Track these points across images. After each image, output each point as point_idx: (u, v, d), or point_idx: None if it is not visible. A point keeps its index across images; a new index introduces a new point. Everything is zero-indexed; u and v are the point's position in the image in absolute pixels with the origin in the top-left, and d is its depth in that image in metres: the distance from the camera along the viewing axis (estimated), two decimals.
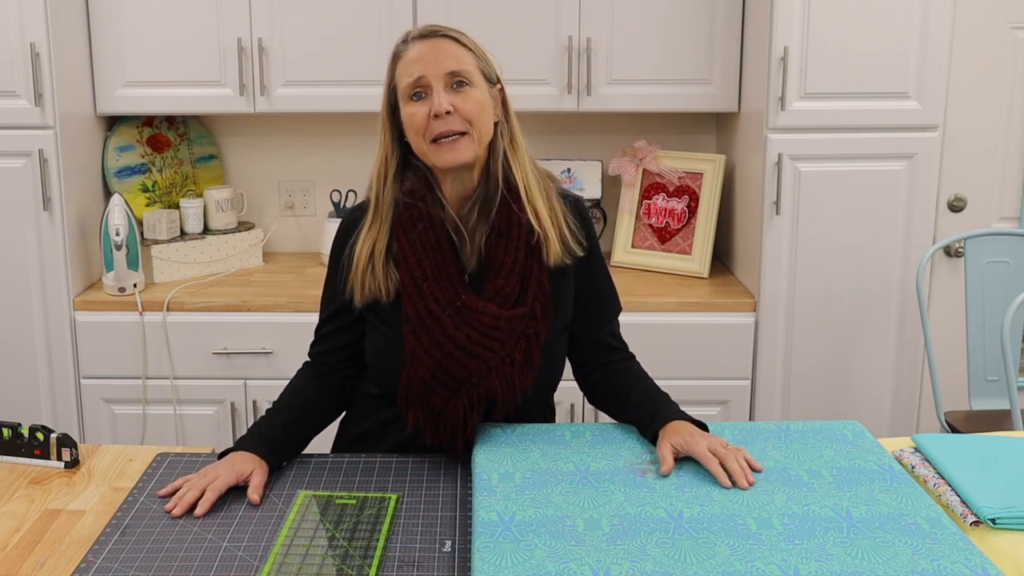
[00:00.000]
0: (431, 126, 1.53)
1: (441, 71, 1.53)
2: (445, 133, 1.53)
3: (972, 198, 3.02)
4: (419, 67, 1.53)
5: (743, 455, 1.48)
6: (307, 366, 1.72)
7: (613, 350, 1.74)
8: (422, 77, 1.53)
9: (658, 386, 1.70)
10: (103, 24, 2.78)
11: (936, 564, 1.22)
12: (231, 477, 1.48)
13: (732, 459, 1.46)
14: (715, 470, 1.44)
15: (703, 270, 2.90)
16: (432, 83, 1.53)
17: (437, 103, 1.51)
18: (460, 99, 1.53)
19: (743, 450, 1.50)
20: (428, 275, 1.57)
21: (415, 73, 1.53)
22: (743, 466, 1.45)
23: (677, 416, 1.58)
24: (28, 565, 1.31)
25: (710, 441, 1.49)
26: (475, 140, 1.55)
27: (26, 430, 1.60)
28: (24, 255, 2.66)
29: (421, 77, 1.53)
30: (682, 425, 1.55)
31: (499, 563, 1.22)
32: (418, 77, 1.53)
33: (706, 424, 1.58)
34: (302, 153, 3.16)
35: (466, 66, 1.55)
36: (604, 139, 3.14)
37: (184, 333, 2.68)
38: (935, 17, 2.55)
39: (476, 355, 1.56)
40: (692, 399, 2.72)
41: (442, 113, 1.51)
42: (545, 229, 1.60)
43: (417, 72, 1.53)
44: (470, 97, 1.54)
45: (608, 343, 1.73)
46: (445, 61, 1.53)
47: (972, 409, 2.64)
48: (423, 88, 1.54)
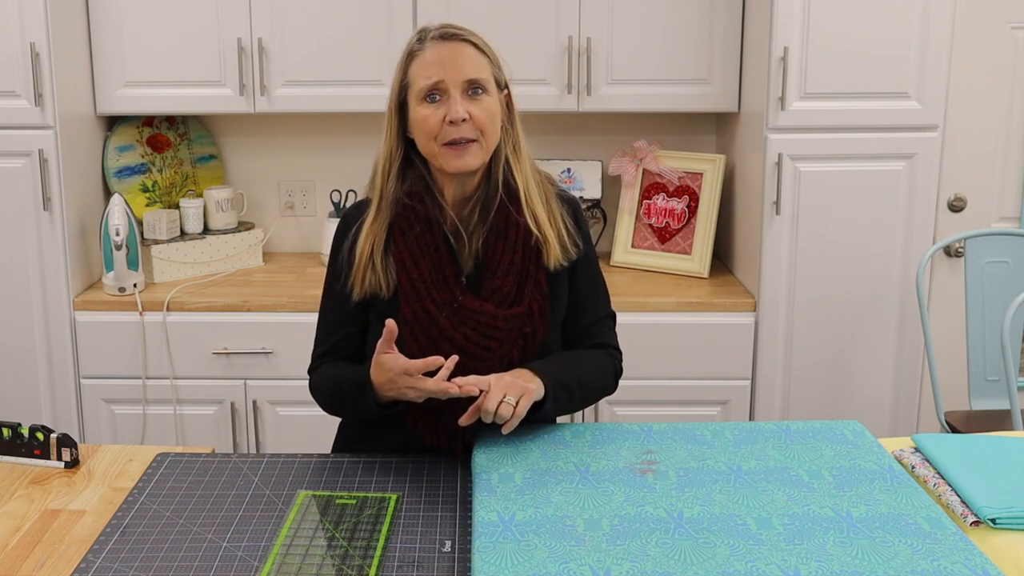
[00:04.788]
0: (445, 131, 1.53)
1: (460, 78, 1.53)
2: (458, 140, 1.53)
3: (972, 198, 3.02)
4: (438, 71, 1.53)
5: (511, 396, 1.47)
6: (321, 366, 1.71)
7: (600, 347, 1.73)
8: (440, 81, 1.53)
9: (586, 364, 1.66)
10: (103, 24, 2.77)
11: (936, 564, 1.22)
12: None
13: (492, 399, 1.46)
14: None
15: (703, 270, 2.90)
16: (450, 88, 1.53)
17: (454, 111, 1.51)
18: (475, 107, 1.53)
19: (515, 389, 1.49)
20: (425, 277, 1.57)
21: (433, 76, 1.53)
22: (491, 407, 1.46)
23: (531, 366, 1.57)
24: (28, 565, 1.31)
25: (504, 381, 1.49)
26: (484, 148, 1.56)
27: (26, 430, 1.60)
28: (24, 255, 2.66)
29: (440, 81, 1.53)
30: (518, 369, 1.55)
31: (499, 563, 1.22)
32: (437, 81, 1.53)
33: (547, 377, 1.56)
34: (302, 153, 3.16)
35: (484, 74, 1.55)
36: (604, 139, 3.13)
37: (184, 333, 2.68)
38: (935, 17, 2.55)
39: (474, 355, 1.56)
40: (692, 399, 2.73)
41: (459, 121, 1.52)
42: (545, 234, 1.60)
43: (436, 76, 1.53)
44: (485, 106, 1.54)
45: (597, 341, 1.72)
46: (465, 67, 1.53)
47: (972, 409, 2.64)
48: (439, 92, 1.54)
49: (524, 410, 1.50)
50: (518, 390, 1.49)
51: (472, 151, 1.54)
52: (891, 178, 2.63)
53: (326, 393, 1.66)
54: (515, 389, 1.49)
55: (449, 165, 1.55)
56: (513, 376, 1.52)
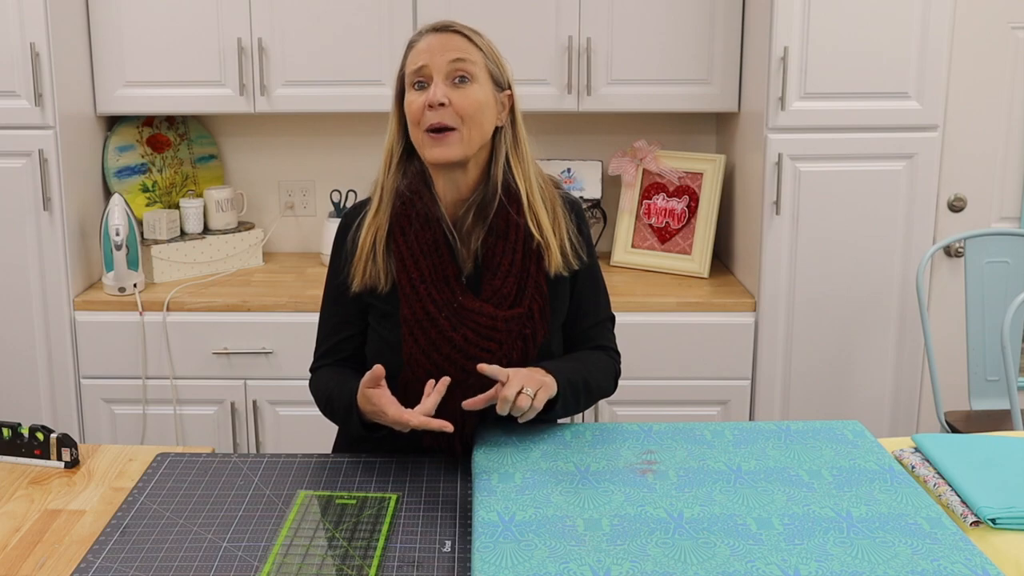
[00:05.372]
0: (425, 116, 1.53)
1: (443, 61, 1.53)
2: (436, 126, 1.53)
3: (972, 198, 3.02)
4: (425, 57, 1.54)
5: (529, 388, 1.47)
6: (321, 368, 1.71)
7: (600, 348, 1.73)
8: (425, 67, 1.54)
9: (592, 366, 1.66)
10: (103, 24, 2.78)
11: (936, 564, 1.22)
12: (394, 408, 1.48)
13: (511, 387, 1.45)
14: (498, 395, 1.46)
15: (703, 270, 2.90)
16: (433, 74, 1.53)
17: (432, 93, 1.52)
18: (457, 94, 1.53)
19: (533, 382, 1.48)
20: (425, 277, 1.57)
21: (419, 62, 1.54)
22: (509, 396, 1.45)
23: (543, 365, 1.57)
24: (28, 565, 1.31)
25: (522, 374, 1.49)
26: (464, 139, 1.54)
27: (26, 430, 1.60)
28: (24, 255, 2.66)
29: (424, 67, 1.54)
30: (534, 368, 1.55)
31: (499, 563, 1.22)
32: (421, 66, 1.54)
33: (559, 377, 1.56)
34: (302, 153, 3.16)
35: (470, 59, 1.54)
36: (604, 139, 3.14)
37: (184, 333, 2.68)
38: (935, 17, 2.55)
39: (473, 356, 1.56)
40: (692, 399, 2.73)
41: (435, 104, 1.51)
42: (546, 238, 1.59)
43: (422, 61, 1.54)
44: (468, 94, 1.54)
45: (598, 343, 1.72)
46: (449, 52, 1.53)
47: (972, 409, 2.64)
48: (425, 78, 1.54)
49: (541, 403, 1.49)
50: (536, 383, 1.49)
51: (451, 140, 1.53)
52: (891, 178, 2.63)
53: (321, 401, 1.67)
54: (533, 382, 1.49)
55: (428, 154, 1.55)
56: (529, 371, 1.53)
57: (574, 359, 1.66)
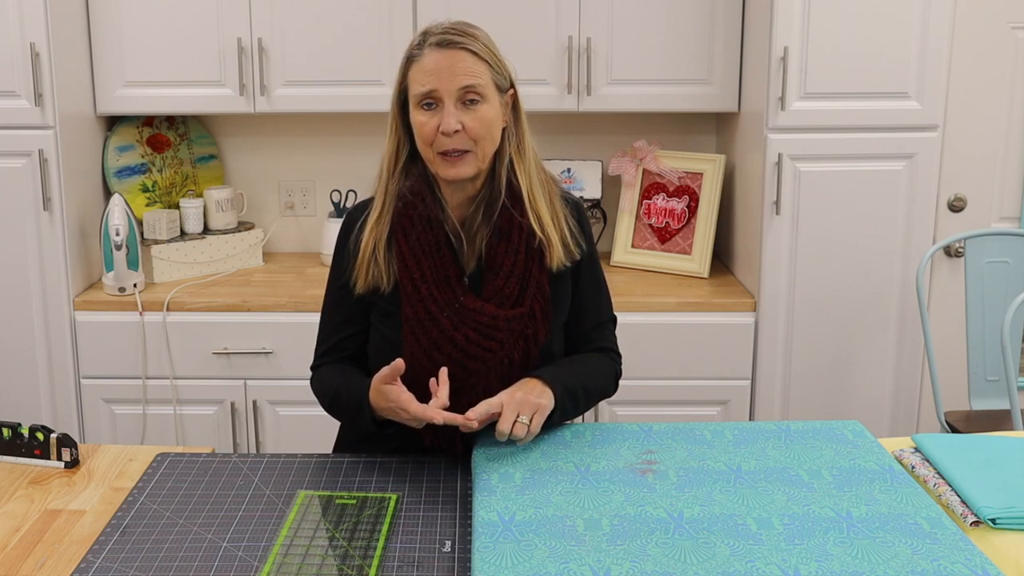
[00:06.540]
0: (438, 140, 1.54)
1: (454, 87, 1.52)
2: (450, 150, 1.54)
3: (972, 198, 3.02)
4: (432, 79, 1.53)
5: (524, 414, 1.49)
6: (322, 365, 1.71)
7: (601, 349, 1.73)
8: (435, 90, 1.53)
9: (591, 370, 1.67)
10: (103, 24, 2.77)
11: (936, 564, 1.22)
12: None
13: (506, 420, 1.48)
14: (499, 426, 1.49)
15: (703, 270, 2.90)
16: (444, 97, 1.53)
17: (446, 122, 1.52)
18: (469, 117, 1.53)
19: (527, 407, 1.50)
20: (427, 277, 1.57)
21: (428, 84, 1.53)
22: (505, 430, 1.48)
23: (540, 375, 1.57)
24: (28, 565, 1.31)
25: (516, 399, 1.50)
26: (479, 157, 1.56)
27: (26, 430, 1.60)
28: (24, 255, 2.66)
29: (434, 90, 1.53)
30: (528, 381, 1.56)
31: (499, 563, 1.22)
32: (431, 90, 1.53)
33: (556, 385, 1.56)
34: (302, 153, 3.16)
35: (480, 81, 1.54)
36: (604, 139, 3.13)
37: (184, 333, 2.68)
38: (935, 17, 2.55)
39: (475, 356, 1.56)
40: (692, 399, 2.73)
41: (450, 132, 1.52)
42: (548, 235, 1.60)
43: (430, 84, 1.53)
44: (479, 115, 1.54)
45: (599, 345, 1.72)
46: (459, 77, 1.52)
47: (972, 409, 2.64)
48: (434, 100, 1.54)
49: (538, 427, 1.52)
50: (531, 408, 1.51)
51: (466, 161, 1.55)
52: (891, 178, 2.63)
53: (325, 399, 1.67)
54: (527, 407, 1.51)
55: (444, 174, 1.56)
56: (524, 392, 1.53)
57: (573, 363, 1.67)
